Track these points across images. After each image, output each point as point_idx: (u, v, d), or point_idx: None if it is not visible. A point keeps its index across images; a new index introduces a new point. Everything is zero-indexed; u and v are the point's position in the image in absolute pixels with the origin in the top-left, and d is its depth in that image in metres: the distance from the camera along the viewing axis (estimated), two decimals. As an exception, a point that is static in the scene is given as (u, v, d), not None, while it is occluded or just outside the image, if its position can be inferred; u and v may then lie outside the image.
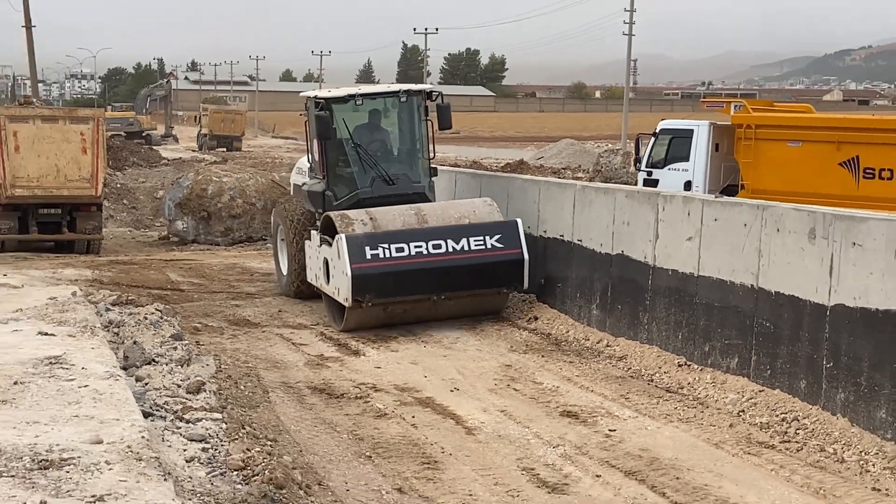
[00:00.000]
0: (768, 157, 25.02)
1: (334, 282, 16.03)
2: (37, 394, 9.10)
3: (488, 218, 16.62)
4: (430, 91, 18.16)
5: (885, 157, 23.32)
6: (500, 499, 9.97)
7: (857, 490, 10.10)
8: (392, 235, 15.87)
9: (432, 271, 15.77)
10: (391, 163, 17.85)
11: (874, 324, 10.99)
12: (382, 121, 18.26)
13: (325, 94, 17.91)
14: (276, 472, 8.74)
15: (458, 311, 16.43)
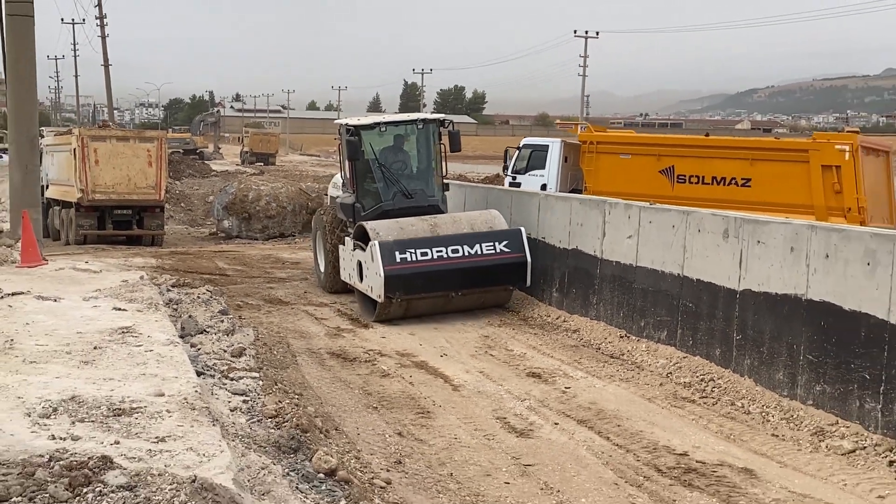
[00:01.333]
0: (605, 165, 25.92)
1: (367, 281, 15.65)
2: (112, 356, 9.21)
3: (496, 226, 16.28)
4: (442, 119, 17.78)
5: (692, 167, 24.86)
6: (479, 441, 10.04)
7: (760, 436, 10.21)
8: (417, 242, 15.52)
9: (451, 272, 15.48)
10: (410, 180, 17.41)
11: (774, 305, 11.11)
12: (403, 144, 17.83)
13: (354, 122, 17.58)
14: (302, 419, 8.90)
15: (471, 305, 16.21)
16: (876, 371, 9.62)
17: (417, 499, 8.28)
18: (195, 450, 6.12)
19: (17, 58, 19.69)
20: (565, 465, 9.36)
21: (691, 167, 25.03)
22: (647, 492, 8.66)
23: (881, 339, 9.57)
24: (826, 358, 10.28)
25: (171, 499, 4.91)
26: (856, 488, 8.72)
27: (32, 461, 5.72)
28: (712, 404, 11.28)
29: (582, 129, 28.21)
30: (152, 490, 5.06)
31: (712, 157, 25.08)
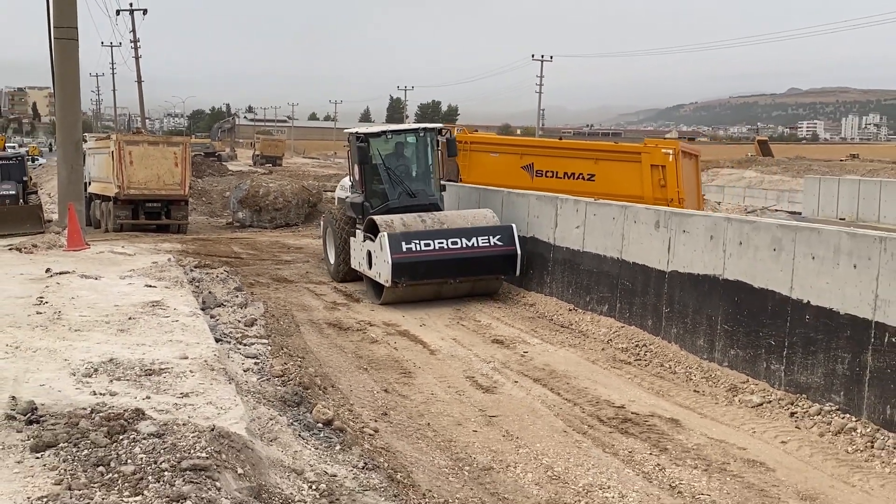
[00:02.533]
0: (477, 161, 25.81)
1: (376, 268, 15.03)
2: (144, 325, 9.17)
3: (490, 222, 15.65)
4: (440, 128, 17.16)
5: (548, 164, 25.11)
6: (452, 396, 10.04)
7: (684, 392, 10.25)
8: (421, 234, 14.84)
9: (450, 261, 14.82)
10: (412, 181, 16.71)
11: (696, 283, 11.15)
12: (405, 150, 17.07)
13: (364, 130, 16.99)
14: (303, 378, 8.89)
15: (466, 292, 15.47)
16: (780, 338, 9.68)
17: (400, 444, 8.28)
18: (214, 404, 6.12)
19: (64, 75, 19.58)
20: (523, 416, 9.37)
21: (547, 164, 25.65)
22: (591, 438, 8.69)
23: (784, 312, 9.64)
24: (739, 327, 10.34)
25: (194, 444, 4.90)
26: (763, 435, 8.78)
27: (77, 413, 5.70)
28: (645, 366, 11.33)
29: (458, 131, 27.44)
30: (177, 437, 5.05)
31: (564, 157, 25.80)
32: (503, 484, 7.53)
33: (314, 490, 5.37)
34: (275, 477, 5.18)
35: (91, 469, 4.77)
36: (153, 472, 4.62)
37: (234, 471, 4.70)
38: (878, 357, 8.39)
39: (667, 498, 7.28)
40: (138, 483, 4.48)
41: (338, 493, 5.35)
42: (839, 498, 7.26)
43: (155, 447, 4.91)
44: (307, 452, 6.18)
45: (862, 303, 8.59)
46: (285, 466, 5.58)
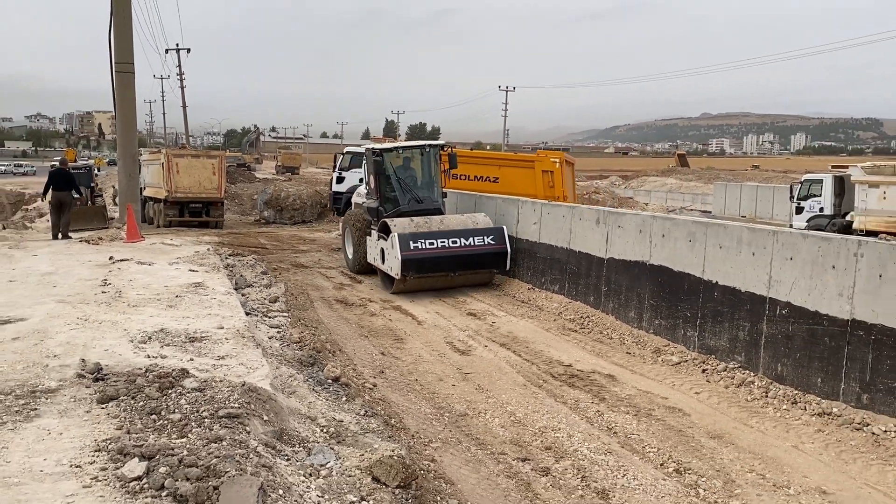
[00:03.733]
0: None
1: (388, 263, 14.40)
2: (188, 302, 9.07)
3: (485, 224, 14.93)
4: (443, 145, 16.51)
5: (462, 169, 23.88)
6: (435, 357, 10.02)
7: (618, 353, 10.27)
8: (427, 234, 14.21)
9: (451, 258, 14.17)
10: (419, 189, 15.99)
11: (628, 268, 11.17)
12: (413, 163, 16.39)
13: (379, 146, 16.40)
14: (316, 344, 8.83)
15: (463, 283, 14.75)
16: (694, 310, 9.72)
17: (394, 396, 8.26)
18: (245, 365, 6.06)
19: (123, 101, 19.33)
20: (492, 373, 9.37)
21: (462, 169, 24.53)
22: (545, 390, 8.69)
23: (698, 290, 9.67)
24: (662, 302, 10.38)
25: (228, 397, 4.85)
26: (681, 387, 8.81)
27: (134, 372, 5.64)
28: (588, 333, 11.34)
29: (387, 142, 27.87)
30: (215, 391, 4.99)
31: (475, 164, 25.65)
32: (476, 427, 7.53)
33: (325, 432, 5.34)
34: (293, 422, 5.14)
35: (146, 417, 4.73)
36: (196, 419, 4.57)
37: (261, 418, 4.67)
38: (771, 325, 8.44)
39: (605, 437, 7.30)
40: (184, 428, 4.43)
41: (344, 435, 5.33)
42: (740, 436, 7.31)
43: (197, 399, 4.86)
44: (319, 403, 6.13)
45: (759, 283, 8.64)
46: (302, 414, 5.54)
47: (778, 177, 63.74)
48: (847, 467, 6.54)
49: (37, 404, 5.15)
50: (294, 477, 4.19)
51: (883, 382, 7.06)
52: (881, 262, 7.11)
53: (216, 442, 4.14)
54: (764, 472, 6.51)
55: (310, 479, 4.29)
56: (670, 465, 6.66)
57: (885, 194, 20.93)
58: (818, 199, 24.30)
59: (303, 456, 4.63)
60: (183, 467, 3.84)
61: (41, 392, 5.40)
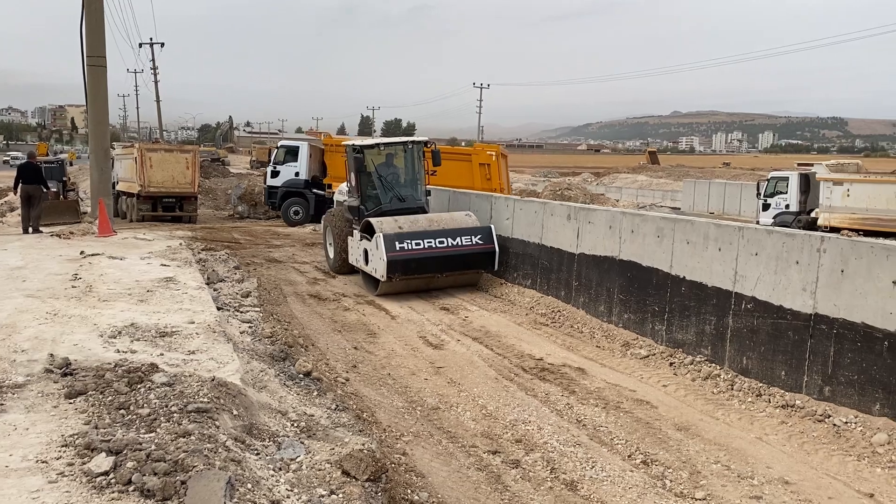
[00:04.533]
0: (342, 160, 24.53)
1: (372, 264, 13.67)
2: (159, 297, 8.89)
3: (471, 224, 14.23)
4: (426, 141, 15.65)
5: None
6: (408, 352, 9.99)
7: (588, 346, 10.32)
8: (412, 234, 13.52)
9: (438, 258, 13.50)
10: (402, 187, 15.29)
11: (598, 263, 11.22)
12: (396, 160, 15.66)
13: (360, 143, 15.55)
14: (288, 338, 8.71)
15: (449, 284, 14.12)
16: (662, 305, 9.80)
17: (367, 390, 8.22)
18: (215, 359, 5.96)
19: (94, 95, 19.03)
20: (464, 367, 9.36)
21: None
22: (516, 383, 8.71)
23: (665, 284, 9.75)
24: (631, 297, 10.44)
25: (197, 391, 4.77)
26: (649, 380, 8.88)
27: (103, 367, 5.55)
28: (559, 327, 11.38)
29: (325, 137, 27.57)
30: (185, 386, 4.91)
31: None
32: (447, 420, 7.53)
33: (296, 427, 5.29)
34: (264, 417, 5.09)
35: (114, 412, 4.65)
36: (164, 413, 4.50)
37: (231, 412, 4.61)
38: (737, 319, 8.54)
39: (574, 429, 7.33)
40: (152, 422, 4.37)
41: (314, 429, 5.28)
42: (706, 428, 7.38)
43: (166, 394, 4.78)
44: (290, 397, 6.07)
45: (725, 278, 8.72)
46: (273, 409, 5.49)
47: (746, 174, 64.44)
48: (809, 458, 6.63)
49: (3, 399, 5.05)
50: (263, 471, 4.16)
51: (844, 375, 7.16)
52: (843, 258, 7.22)
53: (185, 436, 4.08)
54: (729, 463, 6.58)
55: (279, 473, 4.26)
56: (638, 457, 6.71)
57: (848, 192, 21.26)
58: (784, 197, 24.63)
59: (273, 450, 4.59)
60: (150, 462, 3.78)
61: (8, 387, 5.30)
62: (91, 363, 5.71)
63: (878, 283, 6.85)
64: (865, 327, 6.94)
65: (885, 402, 6.78)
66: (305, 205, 26.97)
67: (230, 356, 6.10)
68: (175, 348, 6.34)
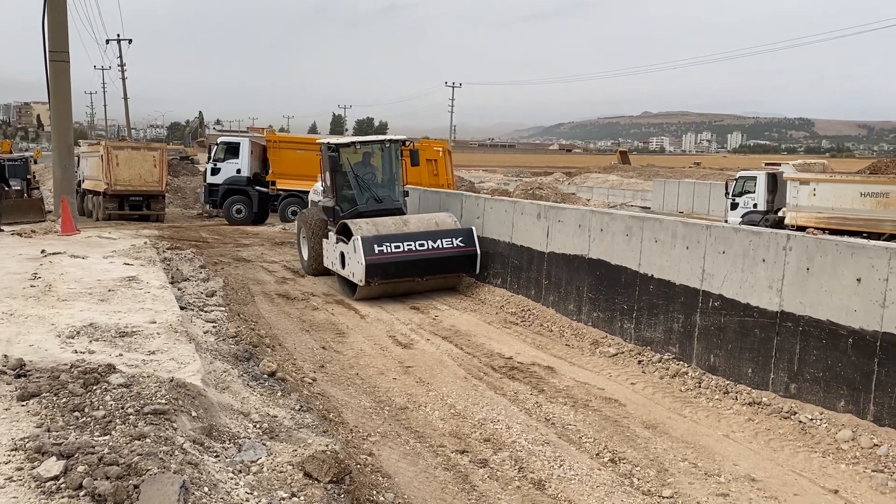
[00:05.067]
0: (286, 157, 25.56)
1: (349, 268, 13.08)
2: (121, 296, 8.63)
3: (452, 225, 13.71)
4: (404, 140, 14.95)
5: None
6: (377, 351, 9.90)
7: (558, 345, 10.31)
8: (392, 237, 12.95)
9: (418, 262, 12.94)
10: (379, 187, 14.66)
11: (568, 262, 11.21)
12: (372, 159, 14.96)
13: (335, 141, 14.78)
14: (253, 338, 8.52)
15: (429, 288, 13.49)
16: (630, 303, 9.81)
17: (334, 390, 8.12)
18: (175, 360, 5.78)
19: (57, 91, 18.62)
20: (433, 366, 9.30)
21: None
22: (485, 382, 8.66)
23: (634, 283, 9.76)
24: (600, 295, 10.45)
25: (155, 393, 4.61)
26: (617, 378, 8.89)
27: (59, 368, 5.37)
28: (528, 326, 11.35)
29: (267, 132, 27.16)
30: (142, 387, 4.74)
31: None
32: (416, 420, 7.45)
33: (258, 428, 5.16)
34: (225, 418, 4.95)
35: (68, 414, 4.49)
36: (120, 415, 4.35)
37: (189, 414, 4.47)
38: (704, 317, 8.56)
39: (543, 428, 7.30)
40: (107, 425, 4.22)
41: (277, 430, 5.16)
42: (674, 426, 7.38)
43: (123, 395, 4.62)
44: (253, 398, 5.93)
45: (692, 276, 8.75)
46: (234, 410, 5.35)
47: (715, 174, 65.15)
48: (775, 455, 6.66)
49: (-48, 403, 4.86)
50: (222, 474, 4.04)
51: (809, 372, 7.21)
52: (808, 256, 7.26)
53: (140, 439, 3.94)
54: (696, 460, 6.58)
55: (239, 476, 4.14)
56: (606, 455, 6.68)
57: (814, 191, 21.53)
58: (752, 196, 24.89)
59: (233, 452, 4.47)
60: (103, 466, 3.65)
61: (-42, 390, 5.11)
62: (47, 364, 5.53)
63: (842, 281, 6.90)
64: (830, 325, 6.99)
65: (849, 399, 6.83)
66: (248, 203, 26.50)
67: (191, 356, 5.94)
68: (135, 349, 6.15)
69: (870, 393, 6.63)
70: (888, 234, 19.06)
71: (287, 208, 26.41)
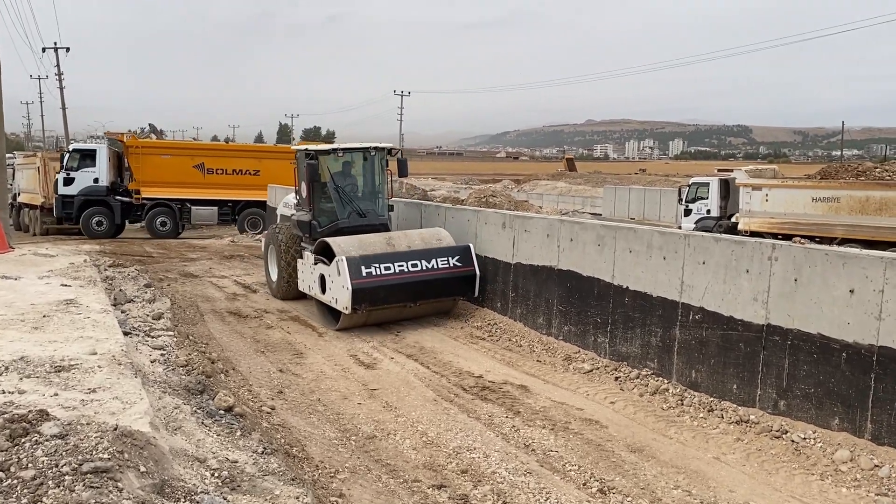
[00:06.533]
0: (150, 163, 24.94)
1: (331, 293, 11.47)
2: (57, 323, 7.76)
3: (445, 243, 12.16)
4: (390, 148, 13.21)
5: (218, 163, 25.61)
6: (338, 373, 9.29)
7: (529, 361, 9.84)
8: (381, 257, 11.38)
9: (410, 284, 11.39)
10: (362, 200, 13.00)
11: (535, 273, 10.76)
12: (354, 169, 13.22)
13: (314, 148, 13.25)
14: (206, 367, 7.76)
15: (422, 313, 11.97)
16: (605, 316, 9.40)
17: (295, 420, 7.47)
18: (120, 398, 5.05)
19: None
20: (399, 388, 8.72)
21: (218, 163, 25.60)
22: (457, 405, 8.12)
23: (608, 295, 9.35)
24: (571, 308, 10.02)
25: (96, 445, 3.91)
26: (595, 396, 8.44)
27: (-19, 414, 4.62)
28: (496, 341, 10.85)
29: (128, 137, 25.99)
30: (80, 438, 4.03)
31: (233, 157, 26.11)
32: (386, 451, 6.86)
33: (217, 478, 4.50)
34: (178, 468, 4.29)
35: (-10, 475, 3.80)
36: (54, 476, 3.65)
37: (137, 469, 3.80)
38: (684, 331, 8.18)
39: (523, 455, 6.79)
40: (38, 489, 3.53)
41: (239, 480, 4.51)
42: (660, 449, 6.95)
43: (57, 449, 3.91)
44: (210, 440, 5.25)
45: (671, 288, 8.36)
46: (189, 455, 4.68)
47: (661, 180, 66.01)
48: (771, 479, 6.26)
49: None
50: (177, 543, 3.41)
51: (800, 388, 6.86)
52: (796, 266, 6.92)
53: (78, 507, 3.28)
54: (689, 487, 6.14)
55: (197, 544, 3.52)
56: (593, 485, 6.20)
57: (767, 197, 21.60)
58: (705, 202, 24.94)
59: (189, 512, 3.82)
60: (31, 546, 3.00)
61: None
62: (-32, 409, 4.77)
63: (833, 293, 6.56)
64: (822, 338, 6.65)
65: (844, 417, 6.49)
66: (110, 214, 25.02)
67: (138, 394, 5.21)
68: (73, 386, 5.38)
69: (866, 410, 6.29)
70: (840, 239, 19.20)
71: (155, 218, 25.26)
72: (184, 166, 25.17)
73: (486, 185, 62.80)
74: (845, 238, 19.12)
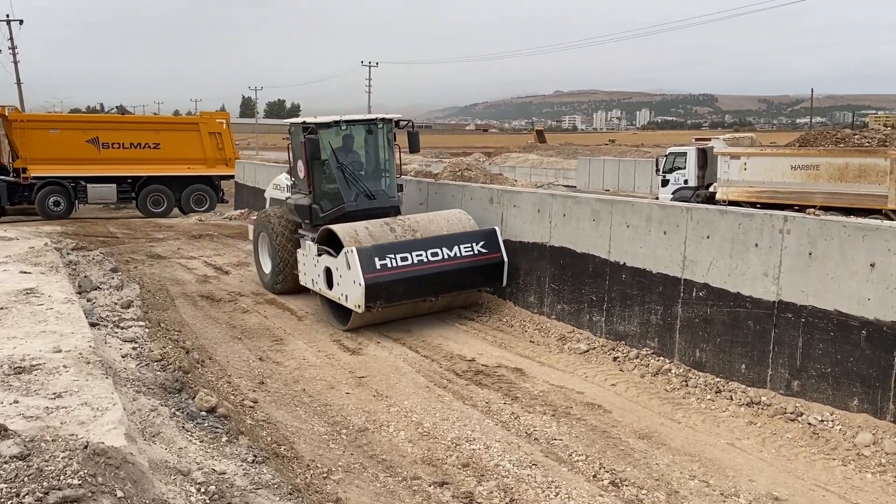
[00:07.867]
0: (37, 139, 23.39)
1: (340, 289, 10.00)
2: (16, 315, 7.10)
3: (468, 227, 10.74)
4: (398, 120, 11.64)
5: (114, 136, 24.24)
6: (322, 360, 8.80)
7: (522, 342, 9.43)
8: (397, 246, 9.97)
9: (431, 276, 9.96)
10: (370, 180, 11.40)
11: (526, 250, 10.32)
12: (358, 144, 11.60)
13: (312, 120, 11.39)
14: (184, 362, 7.17)
15: (444, 307, 10.67)
16: (600, 294, 9.00)
17: (280, 414, 6.98)
18: (89, 404, 4.49)
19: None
20: (389, 374, 8.27)
21: (113, 137, 24.31)
22: (451, 391, 7.70)
23: (603, 272, 8.95)
24: (564, 286, 9.60)
25: (64, 469, 3.36)
26: (594, 379, 8.06)
27: (-69, 430, 4.06)
28: (486, 321, 10.41)
29: (10, 111, 24.18)
30: (45, 459, 3.46)
31: (129, 130, 24.71)
32: (380, 444, 6.42)
33: (203, 493, 3.98)
34: (160, 486, 3.77)
35: (-60, 505, 3.28)
36: (15, 507, 3.15)
37: (113, 494, 3.27)
38: (687, 308, 7.81)
39: (526, 445, 6.38)
40: (-4, 524, 3.04)
41: (229, 496, 3.99)
42: (670, 434, 6.59)
43: (18, 474, 3.33)
44: (192, 448, 4.71)
45: (672, 263, 7.98)
46: (170, 468, 4.16)
47: (632, 151, 65.86)
48: (791, 465, 5.93)
49: None
50: (164, 584, 2.92)
51: (815, 368, 6.52)
52: (810, 239, 6.55)
53: (43, 548, 2.78)
54: (706, 477, 5.78)
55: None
56: (604, 477, 5.82)
57: (745, 165, 21.37)
58: (683, 172, 24.65)
59: (175, 539, 3.34)
60: None
61: None
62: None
63: (852, 266, 6.21)
64: (839, 315, 6.31)
65: (863, 398, 6.17)
66: None
67: (110, 398, 4.65)
68: (35, 391, 4.80)
69: (888, 390, 5.97)
70: (819, 206, 19.04)
71: (47, 198, 23.66)
72: (76, 141, 23.48)
73: (457, 157, 62.10)
74: (824, 206, 18.96)
